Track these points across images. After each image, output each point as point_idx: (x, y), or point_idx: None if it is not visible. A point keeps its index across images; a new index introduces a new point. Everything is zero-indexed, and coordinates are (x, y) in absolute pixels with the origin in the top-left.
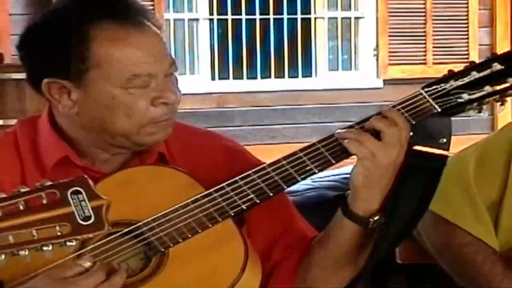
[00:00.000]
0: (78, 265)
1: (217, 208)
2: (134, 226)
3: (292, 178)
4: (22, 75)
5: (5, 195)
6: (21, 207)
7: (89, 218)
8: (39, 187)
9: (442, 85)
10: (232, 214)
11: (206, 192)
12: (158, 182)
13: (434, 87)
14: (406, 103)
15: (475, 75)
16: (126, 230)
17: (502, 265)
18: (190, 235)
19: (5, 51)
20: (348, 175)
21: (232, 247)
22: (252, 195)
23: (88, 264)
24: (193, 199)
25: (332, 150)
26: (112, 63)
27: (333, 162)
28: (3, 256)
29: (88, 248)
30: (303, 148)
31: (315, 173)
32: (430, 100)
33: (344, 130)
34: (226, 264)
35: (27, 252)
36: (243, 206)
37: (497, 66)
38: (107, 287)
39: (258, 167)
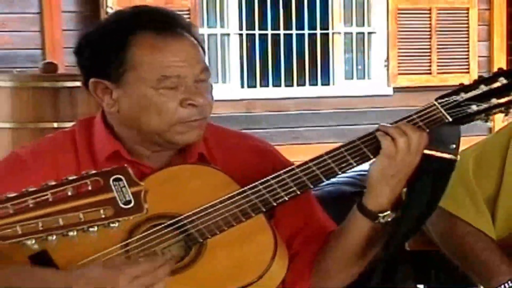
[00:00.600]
0: (127, 254)
1: (250, 204)
2: (176, 219)
3: (333, 171)
4: (74, 84)
5: (55, 183)
6: (69, 193)
7: (129, 202)
8: (84, 175)
9: (453, 97)
10: (264, 210)
11: (241, 190)
12: (198, 180)
13: (446, 99)
14: (421, 113)
15: (483, 88)
16: (169, 222)
17: (499, 252)
18: (226, 228)
19: (59, 62)
20: (364, 172)
21: (263, 239)
22: (279, 189)
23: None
24: (229, 195)
25: (370, 146)
26: (145, 66)
27: (371, 156)
28: (54, 237)
29: (135, 237)
30: (344, 144)
31: (353, 166)
32: (443, 111)
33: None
34: (258, 254)
35: (75, 233)
36: (274, 203)
37: (503, 81)
38: (150, 279)
39: (288, 168)
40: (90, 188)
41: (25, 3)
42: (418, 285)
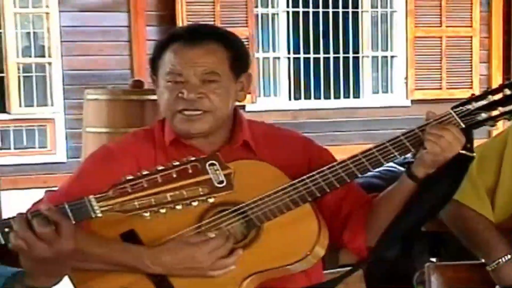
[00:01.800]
0: (201, 233)
1: (299, 195)
2: (239, 206)
3: (379, 162)
4: (156, 97)
5: (162, 167)
6: (174, 175)
7: (222, 182)
8: (185, 161)
9: (466, 106)
10: (310, 199)
11: (291, 183)
12: (256, 173)
13: (460, 108)
14: (440, 120)
15: (490, 98)
16: (233, 208)
17: (497, 233)
18: (279, 214)
19: (144, 80)
20: (390, 168)
21: (309, 224)
22: (321, 183)
23: (212, 235)
24: (282, 187)
25: (411, 140)
26: (164, 63)
27: (412, 149)
28: (164, 210)
29: (206, 221)
30: (389, 140)
31: (396, 157)
32: (457, 118)
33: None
34: (305, 236)
35: (181, 207)
36: (318, 194)
37: (507, 92)
38: (222, 250)
39: (332, 164)
40: (190, 171)
41: (117, 33)
42: (431, 259)
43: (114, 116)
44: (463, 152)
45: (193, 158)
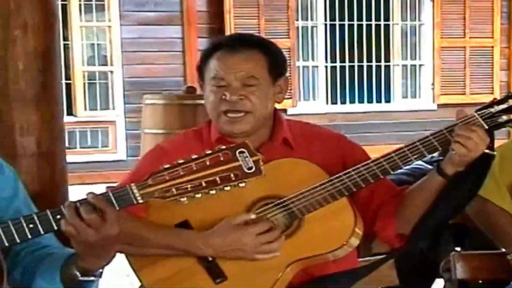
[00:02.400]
0: (245, 216)
1: (337, 190)
2: (282, 200)
3: (409, 159)
4: None
5: (196, 156)
6: (208, 163)
7: (251, 168)
8: (217, 150)
9: (488, 109)
10: (347, 194)
11: (330, 179)
12: (298, 170)
13: (483, 111)
14: (465, 122)
15: (510, 102)
16: (277, 201)
17: None
18: (318, 207)
19: (196, 86)
20: (418, 166)
21: (346, 216)
22: (357, 179)
23: (253, 216)
24: (321, 183)
25: (439, 140)
26: (209, 69)
27: (439, 148)
28: (200, 195)
29: (253, 212)
30: (421, 138)
31: (425, 156)
32: (481, 120)
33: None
34: (342, 227)
35: (214, 192)
36: (354, 189)
37: None
38: (267, 237)
39: (370, 160)
40: (222, 159)
41: (172, 44)
42: (456, 248)
43: (169, 119)
44: (486, 151)
45: (224, 147)
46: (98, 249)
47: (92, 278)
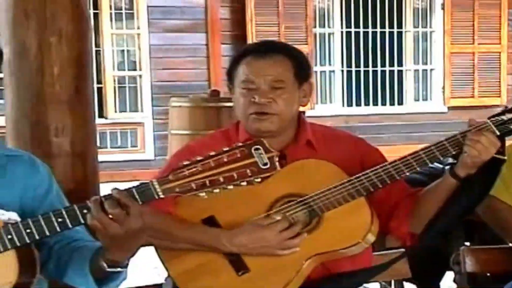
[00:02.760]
0: (270, 217)
1: (355, 190)
2: (304, 198)
3: (424, 162)
4: (231, 104)
5: (214, 153)
6: (225, 160)
7: (266, 164)
8: (234, 147)
9: (501, 117)
10: (365, 194)
11: (349, 179)
12: (319, 170)
13: (495, 118)
14: (478, 128)
15: None
16: (299, 199)
17: None
18: (337, 205)
19: (220, 89)
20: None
21: (363, 214)
22: (374, 180)
23: (278, 217)
24: (341, 183)
25: (454, 145)
26: (238, 73)
27: (453, 152)
28: (217, 189)
29: (275, 210)
30: (436, 143)
31: (439, 158)
32: (493, 127)
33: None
34: (360, 224)
35: (231, 187)
36: (371, 189)
37: None
38: (289, 233)
39: (388, 162)
40: (238, 155)
41: (197, 50)
42: (466, 243)
43: (195, 120)
44: (497, 156)
45: (240, 144)
46: (122, 242)
47: (118, 269)
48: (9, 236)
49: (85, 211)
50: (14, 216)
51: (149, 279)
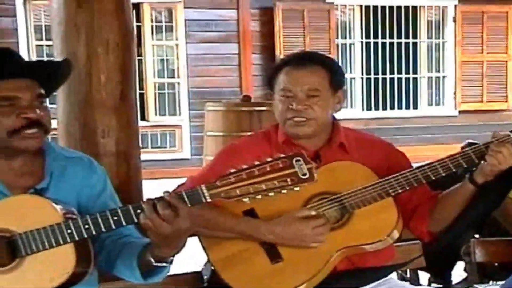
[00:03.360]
0: (306, 211)
1: (384, 191)
2: (337, 196)
3: (449, 169)
4: (261, 108)
5: (258, 162)
6: (268, 169)
7: (305, 174)
8: (277, 158)
9: None
10: (393, 194)
11: (379, 181)
12: (352, 171)
13: None
14: (501, 140)
15: None
16: (332, 197)
17: None
18: (367, 204)
19: (251, 94)
20: None
21: (390, 213)
22: (403, 183)
23: (313, 212)
24: (372, 183)
25: (478, 154)
26: (278, 82)
27: (476, 161)
28: (259, 196)
29: (309, 206)
30: (460, 152)
31: (463, 166)
32: None
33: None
34: (386, 222)
35: (272, 194)
36: (399, 191)
37: None
38: (323, 228)
39: (412, 168)
40: (280, 166)
41: (230, 60)
42: (475, 235)
43: (227, 123)
44: None
45: (282, 155)
46: (170, 240)
47: (164, 264)
48: (69, 231)
49: (138, 211)
50: (73, 212)
51: (186, 268)
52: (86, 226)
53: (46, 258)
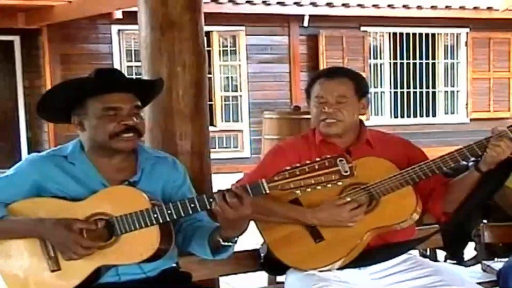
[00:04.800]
0: (342, 199)
1: (405, 180)
2: (366, 186)
3: (457, 160)
4: (308, 116)
5: (308, 161)
6: (316, 167)
7: (347, 171)
8: (324, 158)
9: None
10: (412, 183)
11: (400, 172)
12: (378, 165)
13: None
14: (500, 135)
15: None
16: (363, 187)
17: None
18: (391, 192)
19: (300, 105)
20: None
21: (410, 198)
22: (420, 173)
23: (348, 198)
24: (394, 174)
25: (480, 147)
26: (314, 91)
27: (480, 153)
28: (309, 189)
29: (344, 194)
30: (466, 146)
31: (469, 158)
32: (510, 134)
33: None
34: (407, 205)
35: (320, 187)
36: (417, 180)
37: None
38: (358, 210)
39: (428, 160)
40: (326, 164)
41: (282, 77)
42: (484, 220)
43: (281, 128)
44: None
45: (329, 156)
46: (235, 223)
47: (230, 243)
48: (155, 215)
49: (211, 199)
50: (158, 200)
51: (247, 247)
52: (169, 212)
53: (136, 236)
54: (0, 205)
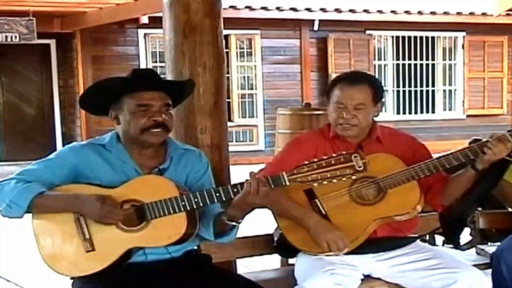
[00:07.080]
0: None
1: (411, 175)
2: (374, 179)
3: (459, 159)
4: (318, 112)
5: (325, 157)
6: (332, 162)
7: (361, 167)
8: (339, 154)
9: None
10: (417, 178)
11: (406, 168)
12: (386, 160)
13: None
14: (499, 138)
15: None
16: (371, 180)
17: None
18: (397, 185)
19: (311, 101)
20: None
21: (415, 191)
22: (425, 170)
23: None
24: (401, 170)
25: (480, 148)
26: (333, 95)
27: (480, 153)
28: (325, 182)
29: (354, 187)
30: (468, 147)
31: (470, 157)
32: (510, 138)
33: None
34: (412, 198)
35: (335, 181)
36: (422, 176)
37: None
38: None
39: (433, 158)
40: (342, 160)
41: (294, 76)
42: (478, 208)
43: (293, 123)
44: (507, 157)
45: (344, 152)
46: (247, 207)
47: (234, 223)
48: (183, 203)
49: (235, 189)
50: (185, 189)
51: (261, 231)
52: (196, 200)
53: (165, 222)
54: (40, 183)
